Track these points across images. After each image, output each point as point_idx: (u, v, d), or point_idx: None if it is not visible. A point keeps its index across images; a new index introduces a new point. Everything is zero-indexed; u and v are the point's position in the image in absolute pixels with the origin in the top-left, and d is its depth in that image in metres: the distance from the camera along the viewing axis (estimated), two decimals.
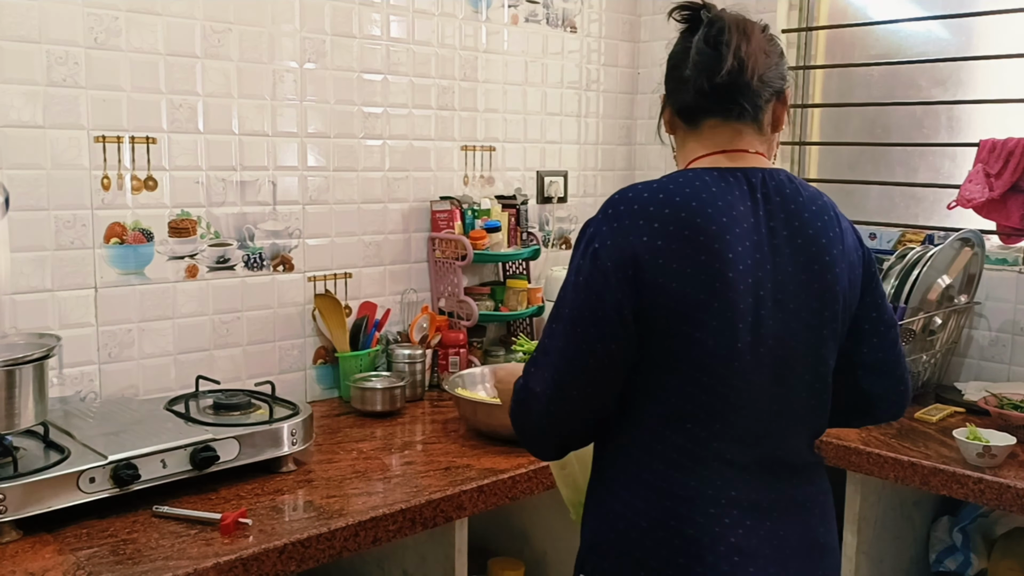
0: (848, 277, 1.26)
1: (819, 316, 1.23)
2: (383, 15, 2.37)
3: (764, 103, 1.26)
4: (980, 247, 2.38)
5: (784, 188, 1.24)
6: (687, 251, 1.16)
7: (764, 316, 1.19)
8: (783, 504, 1.23)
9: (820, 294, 1.22)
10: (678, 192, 1.19)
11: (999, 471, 1.84)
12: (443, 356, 2.46)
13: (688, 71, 1.25)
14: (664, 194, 1.19)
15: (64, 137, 1.88)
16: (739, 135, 1.26)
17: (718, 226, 1.17)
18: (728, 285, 1.16)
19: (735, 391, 1.19)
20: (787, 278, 1.21)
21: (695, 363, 1.18)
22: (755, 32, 1.24)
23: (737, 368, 1.18)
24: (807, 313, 1.22)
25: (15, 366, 1.52)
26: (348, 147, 2.34)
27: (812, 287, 1.22)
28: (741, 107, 1.25)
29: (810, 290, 1.22)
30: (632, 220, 1.17)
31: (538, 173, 2.84)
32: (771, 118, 1.29)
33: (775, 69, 1.26)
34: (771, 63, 1.25)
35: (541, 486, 1.86)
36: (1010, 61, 2.50)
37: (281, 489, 1.70)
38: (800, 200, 1.24)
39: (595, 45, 2.96)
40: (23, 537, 1.46)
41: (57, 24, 1.85)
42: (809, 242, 1.22)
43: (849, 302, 1.27)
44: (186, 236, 2.07)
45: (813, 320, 1.22)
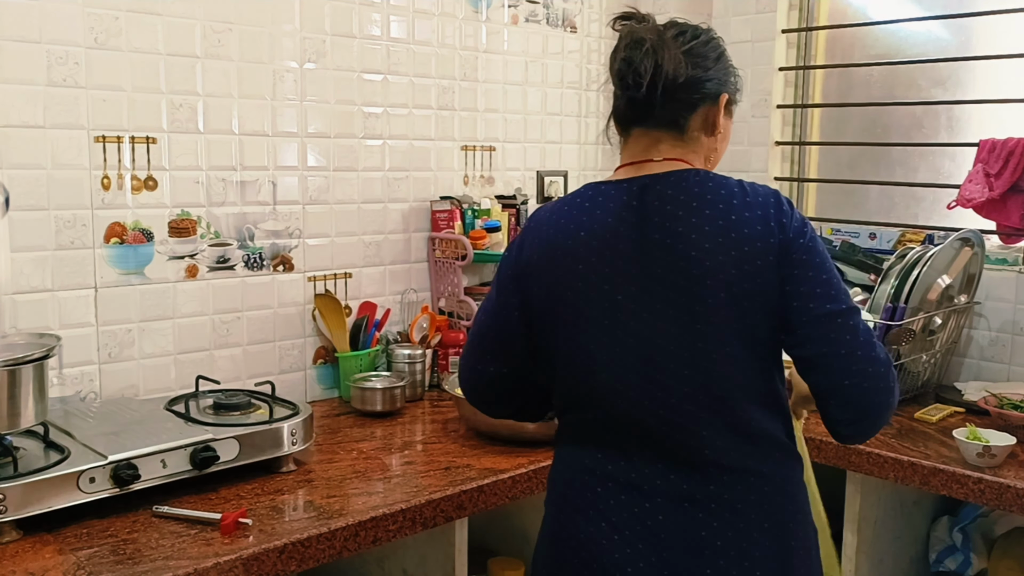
0: (738, 268, 1.26)
1: (690, 312, 1.27)
2: (383, 15, 2.37)
3: (687, 109, 1.34)
4: (980, 247, 2.38)
5: (667, 191, 1.31)
6: (547, 265, 1.34)
7: (622, 317, 1.30)
8: (670, 494, 1.29)
9: (688, 290, 1.27)
10: (553, 212, 1.38)
11: (999, 471, 1.84)
12: (443, 356, 2.46)
13: (616, 81, 1.35)
14: (547, 213, 1.39)
15: (64, 137, 1.88)
16: (656, 142, 1.36)
17: (573, 241, 1.32)
18: (578, 293, 1.31)
19: (603, 384, 1.32)
20: (653, 280, 1.28)
21: (563, 360, 1.35)
22: (669, 44, 1.30)
23: (600, 364, 1.31)
24: (675, 310, 1.28)
25: (15, 366, 1.52)
26: (348, 147, 2.34)
27: (679, 284, 1.27)
28: (656, 116, 1.34)
29: (677, 288, 1.27)
30: (527, 237, 1.39)
31: (538, 173, 2.84)
32: (701, 123, 1.36)
33: (705, 75, 1.33)
34: (695, 72, 1.32)
35: (541, 486, 1.86)
36: (1010, 61, 2.50)
37: (281, 489, 1.70)
38: (680, 200, 1.30)
39: (595, 45, 2.95)
40: (23, 537, 1.46)
41: (57, 24, 1.85)
42: (678, 239, 1.28)
43: (748, 293, 1.26)
44: (186, 236, 2.07)
45: (683, 317, 1.28)
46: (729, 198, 1.29)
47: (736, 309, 1.27)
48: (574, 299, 1.32)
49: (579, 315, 1.32)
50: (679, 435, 1.29)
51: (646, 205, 1.31)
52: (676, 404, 1.29)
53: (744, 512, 1.28)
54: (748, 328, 1.28)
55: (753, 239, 1.27)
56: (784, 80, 2.99)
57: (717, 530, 1.28)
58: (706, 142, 1.38)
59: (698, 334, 1.28)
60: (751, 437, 1.30)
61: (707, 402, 1.29)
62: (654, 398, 1.29)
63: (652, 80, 1.29)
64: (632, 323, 1.29)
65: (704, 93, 1.34)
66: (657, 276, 1.28)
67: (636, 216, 1.31)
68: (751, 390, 1.30)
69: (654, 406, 1.29)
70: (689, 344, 1.28)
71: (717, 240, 1.27)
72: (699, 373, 1.28)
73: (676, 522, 1.28)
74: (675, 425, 1.29)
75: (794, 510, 1.33)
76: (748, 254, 1.27)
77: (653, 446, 1.31)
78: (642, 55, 1.29)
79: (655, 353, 1.29)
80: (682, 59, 1.31)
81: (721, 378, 1.28)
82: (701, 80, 1.33)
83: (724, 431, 1.29)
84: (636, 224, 1.30)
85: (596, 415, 1.34)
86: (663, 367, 1.29)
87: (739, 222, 1.28)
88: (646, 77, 1.29)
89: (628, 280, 1.29)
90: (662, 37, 1.31)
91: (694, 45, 1.33)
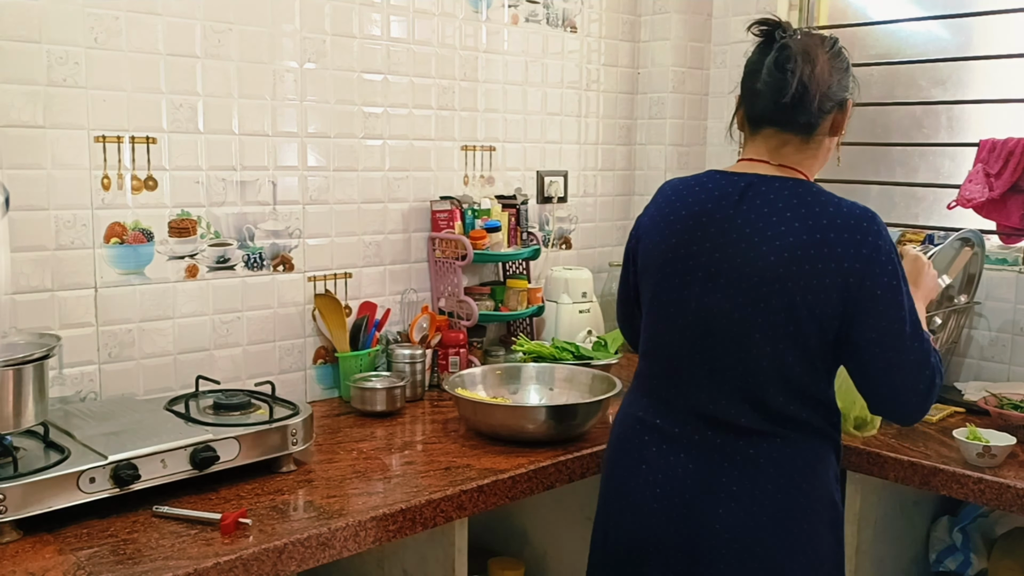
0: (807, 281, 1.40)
1: (751, 304, 1.43)
2: (383, 15, 2.37)
3: (822, 116, 1.50)
4: (980, 247, 2.38)
5: (770, 194, 1.47)
6: (653, 230, 1.57)
7: (694, 287, 1.49)
8: (701, 446, 1.50)
9: (756, 286, 1.43)
10: (674, 187, 1.59)
11: (999, 471, 1.84)
12: (443, 356, 2.46)
13: (760, 86, 1.49)
14: (669, 187, 1.61)
15: (64, 137, 1.88)
16: (784, 144, 1.52)
17: (675, 215, 1.54)
18: (666, 258, 1.53)
19: (664, 344, 1.55)
20: (729, 265, 1.46)
21: (645, 313, 1.59)
22: (820, 56, 1.45)
23: (665, 325, 1.54)
24: (740, 298, 1.44)
25: (15, 366, 1.52)
26: (348, 147, 2.34)
27: (751, 277, 1.43)
28: (797, 123, 1.49)
29: (747, 279, 1.44)
30: (650, 205, 1.63)
31: (538, 173, 2.84)
32: (829, 126, 1.53)
33: (838, 84, 1.49)
34: (834, 80, 1.47)
35: (541, 486, 1.86)
36: (1010, 61, 2.50)
37: (281, 489, 1.70)
38: (778, 206, 1.45)
39: (595, 45, 2.96)
40: (23, 537, 1.46)
41: (57, 24, 1.85)
42: (762, 238, 1.44)
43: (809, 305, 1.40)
44: (186, 236, 2.08)
45: (744, 307, 1.44)
46: (822, 216, 1.42)
47: (793, 316, 1.42)
48: (662, 262, 1.53)
49: (662, 278, 1.53)
50: (717, 405, 1.48)
51: (746, 200, 1.48)
52: (719, 379, 1.48)
53: (762, 466, 1.46)
54: (801, 336, 1.42)
55: (828, 259, 1.40)
56: None
57: (735, 478, 1.47)
58: (827, 144, 1.55)
59: (753, 326, 1.44)
60: (783, 419, 1.47)
61: (747, 386, 1.46)
62: (702, 368, 1.49)
63: (802, 92, 1.44)
64: (701, 297, 1.48)
65: (838, 100, 1.50)
66: (734, 263, 1.45)
67: (734, 208, 1.48)
68: (792, 386, 1.45)
69: (700, 375, 1.49)
70: (741, 333, 1.45)
71: (796, 251, 1.41)
72: (744, 353, 1.45)
73: (699, 469, 1.49)
74: (715, 396, 1.48)
75: (807, 472, 1.47)
76: (820, 271, 1.40)
77: (694, 407, 1.51)
78: (802, 66, 1.43)
79: (711, 330, 1.48)
80: (830, 69, 1.46)
81: (755, 360, 1.45)
82: (837, 89, 1.49)
83: (758, 412, 1.46)
84: (731, 215, 1.48)
85: (654, 370, 1.58)
86: (714, 345, 1.48)
87: (822, 241, 1.40)
88: (808, 87, 1.43)
89: (708, 258, 1.48)
90: (816, 50, 1.45)
91: (833, 55, 1.49)
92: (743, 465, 1.46)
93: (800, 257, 1.40)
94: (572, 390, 2.22)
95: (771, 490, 1.45)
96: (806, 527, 1.47)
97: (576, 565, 2.27)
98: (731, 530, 1.46)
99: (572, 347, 2.50)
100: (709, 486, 1.48)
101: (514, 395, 2.24)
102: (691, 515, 1.48)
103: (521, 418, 1.98)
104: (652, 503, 1.52)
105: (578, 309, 2.73)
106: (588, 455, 1.95)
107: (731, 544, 1.46)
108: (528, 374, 2.29)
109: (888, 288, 1.40)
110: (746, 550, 1.45)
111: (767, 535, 1.45)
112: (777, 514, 1.45)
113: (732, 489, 1.46)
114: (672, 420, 1.53)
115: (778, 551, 1.46)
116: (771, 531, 1.45)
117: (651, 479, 1.53)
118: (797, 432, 1.47)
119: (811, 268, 1.40)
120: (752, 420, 1.47)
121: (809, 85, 1.43)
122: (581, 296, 2.75)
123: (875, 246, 1.40)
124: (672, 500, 1.50)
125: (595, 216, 3.05)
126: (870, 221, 1.42)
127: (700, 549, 1.47)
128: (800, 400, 1.46)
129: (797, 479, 1.46)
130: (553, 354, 2.45)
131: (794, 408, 1.46)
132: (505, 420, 1.98)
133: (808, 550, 1.48)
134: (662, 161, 3.05)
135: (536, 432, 1.96)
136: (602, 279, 3.01)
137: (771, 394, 1.45)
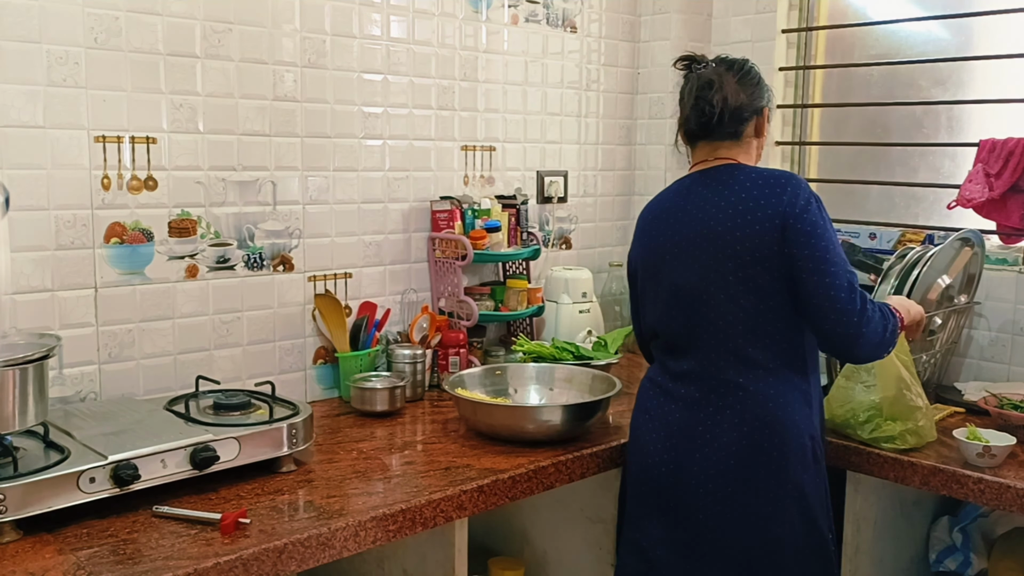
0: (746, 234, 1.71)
1: (710, 267, 1.75)
2: (383, 15, 2.37)
3: (742, 125, 1.84)
4: (980, 247, 2.38)
5: (710, 181, 1.81)
6: (640, 232, 1.93)
7: (665, 268, 1.83)
8: (687, 399, 1.80)
9: (709, 251, 1.75)
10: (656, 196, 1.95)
11: (999, 471, 1.84)
12: (443, 356, 2.46)
13: (688, 111, 1.85)
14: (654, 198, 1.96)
15: (64, 137, 1.88)
16: (717, 148, 1.86)
17: (652, 214, 1.91)
18: (649, 250, 1.88)
19: (656, 319, 1.87)
20: (689, 242, 1.78)
21: (643, 299, 1.93)
22: (728, 81, 1.81)
23: (655, 304, 1.87)
24: (699, 266, 1.76)
25: (15, 366, 1.52)
26: (348, 147, 2.34)
27: (704, 247, 1.76)
28: (720, 134, 1.84)
29: (702, 248, 1.76)
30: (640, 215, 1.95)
31: (538, 173, 2.84)
32: (752, 129, 1.87)
33: (752, 98, 1.84)
34: (745, 98, 1.82)
35: (541, 486, 1.87)
36: (1010, 61, 2.50)
37: (281, 489, 1.70)
38: (716, 187, 1.79)
39: (595, 45, 2.96)
40: (23, 537, 1.46)
41: (57, 24, 1.85)
42: (708, 213, 1.77)
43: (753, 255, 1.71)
44: (186, 236, 2.08)
45: (705, 271, 1.76)
46: (748, 183, 1.76)
47: (742, 267, 1.72)
48: (648, 254, 1.89)
49: (649, 266, 1.88)
50: (696, 357, 1.79)
51: (694, 190, 1.83)
52: (695, 335, 1.79)
53: (728, 414, 1.76)
54: (754, 284, 1.72)
55: (759, 211, 1.72)
56: (784, 80, 2.99)
57: (708, 426, 1.77)
58: (756, 142, 1.90)
59: (713, 283, 1.75)
60: (745, 361, 1.75)
61: (714, 333, 1.76)
62: (683, 332, 1.81)
63: (714, 113, 1.80)
64: (673, 273, 1.81)
65: (753, 110, 1.85)
66: (692, 239, 1.78)
67: (683, 199, 1.84)
68: (759, 333, 1.74)
69: (684, 338, 1.81)
70: (705, 291, 1.76)
71: (734, 215, 1.74)
72: (710, 313, 1.76)
73: (684, 418, 1.80)
74: (697, 355, 1.79)
75: (768, 418, 1.73)
76: (755, 221, 1.72)
77: (683, 367, 1.82)
78: (712, 93, 1.79)
79: (683, 299, 1.79)
80: (738, 89, 1.82)
81: (731, 324, 1.75)
82: (750, 102, 1.83)
83: (725, 356, 1.76)
84: (687, 203, 1.82)
85: (658, 343, 1.90)
86: (687, 308, 1.79)
87: (751, 201, 1.74)
88: (717, 108, 1.79)
89: (675, 241, 1.81)
90: (723, 77, 1.81)
91: (741, 76, 1.83)
92: (714, 414, 1.77)
93: (735, 216, 1.73)
94: (572, 390, 2.23)
95: (736, 437, 1.74)
96: (772, 468, 1.73)
97: (576, 565, 2.28)
98: (704, 471, 1.76)
99: (572, 347, 2.50)
100: (690, 433, 1.78)
101: (514, 395, 2.24)
102: (677, 457, 1.79)
103: (521, 418, 1.98)
104: (649, 445, 1.85)
105: (578, 309, 2.73)
106: (588, 455, 1.95)
107: (705, 483, 1.76)
108: (528, 374, 2.29)
109: (811, 224, 1.70)
110: (717, 489, 1.75)
111: (732, 475, 1.74)
112: (741, 456, 1.74)
113: (706, 436, 1.77)
114: (669, 378, 1.85)
115: (742, 490, 1.74)
116: (735, 472, 1.74)
117: (652, 426, 1.85)
118: (765, 380, 1.75)
119: (748, 222, 1.72)
120: (729, 373, 1.76)
121: (723, 106, 1.79)
122: (581, 296, 2.75)
123: (794, 194, 1.72)
124: (665, 443, 1.82)
125: (595, 216, 3.05)
126: (788, 178, 1.75)
127: (683, 485, 1.78)
128: (769, 346, 1.75)
129: (760, 424, 1.73)
130: (553, 354, 2.45)
131: (765, 355, 1.75)
132: (505, 420, 1.98)
133: (773, 487, 1.73)
134: (662, 161, 3.05)
135: (536, 432, 1.96)
136: (602, 279, 3.00)
137: (741, 344, 1.75)
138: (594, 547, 2.22)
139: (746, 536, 1.74)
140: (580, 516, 2.25)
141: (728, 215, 1.74)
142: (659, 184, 3.06)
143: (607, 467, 2.01)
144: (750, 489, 1.73)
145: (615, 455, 2.01)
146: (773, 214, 1.71)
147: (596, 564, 2.22)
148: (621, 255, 3.12)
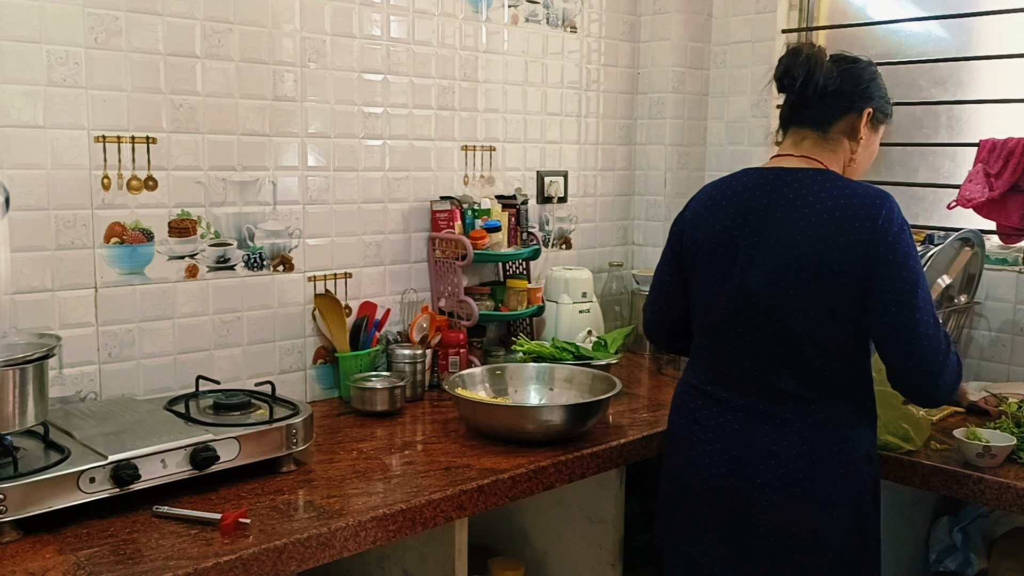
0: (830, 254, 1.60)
1: (784, 279, 1.64)
2: (383, 15, 2.37)
3: (834, 114, 1.71)
4: (980, 247, 2.38)
5: (794, 183, 1.68)
6: (697, 221, 1.78)
7: (736, 268, 1.70)
8: (747, 410, 1.72)
9: (787, 262, 1.63)
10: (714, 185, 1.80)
11: (999, 471, 1.84)
12: (443, 356, 2.46)
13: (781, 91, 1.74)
14: (710, 185, 1.82)
15: (64, 137, 1.88)
16: (802, 139, 1.74)
17: (718, 206, 1.75)
18: (710, 244, 1.74)
19: (712, 321, 1.76)
20: (764, 247, 1.67)
21: (694, 297, 1.80)
22: (823, 60, 1.68)
23: (712, 305, 1.75)
24: (774, 275, 1.65)
25: (15, 366, 1.52)
26: (348, 147, 2.34)
27: (781, 255, 1.64)
28: (809, 118, 1.72)
29: (778, 258, 1.64)
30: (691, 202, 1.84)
31: (538, 173, 2.84)
32: (847, 128, 1.72)
33: (852, 90, 1.70)
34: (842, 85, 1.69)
35: (541, 486, 1.87)
36: (1010, 61, 2.50)
37: (281, 489, 1.70)
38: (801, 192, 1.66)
39: (595, 45, 2.96)
40: (23, 537, 1.46)
41: (57, 24, 1.85)
42: (790, 221, 1.65)
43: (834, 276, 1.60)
44: (186, 236, 2.08)
45: (776, 276, 1.65)
46: (843, 201, 1.62)
47: (820, 287, 1.62)
48: (707, 248, 1.75)
49: (708, 262, 1.75)
50: (760, 372, 1.70)
51: (776, 190, 1.69)
52: (761, 348, 1.69)
53: (797, 428, 1.67)
54: (830, 305, 1.62)
55: (848, 234, 1.60)
56: None
57: (773, 438, 1.68)
58: (847, 145, 1.74)
59: (787, 296, 1.64)
60: (815, 381, 1.67)
61: (785, 354, 1.67)
62: (744, 339, 1.71)
63: (803, 84, 1.67)
64: (742, 276, 1.69)
65: (851, 103, 1.71)
66: (769, 245, 1.66)
67: (766, 197, 1.69)
68: (826, 352, 1.65)
69: (744, 346, 1.71)
70: (777, 305, 1.65)
71: (825, 235, 1.61)
72: (780, 324, 1.66)
73: (745, 429, 1.71)
74: (758, 364, 1.70)
75: (838, 434, 1.66)
76: (841, 245, 1.60)
77: (739, 375, 1.73)
78: (798, 63, 1.68)
79: (751, 304, 1.68)
80: (834, 72, 1.68)
81: (799, 338, 1.65)
82: (849, 92, 1.70)
83: (797, 377, 1.67)
84: (764, 203, 1.69)
85: (705, 343, 1.79)
86: (755, 317, 1.68)
87: (844, 222, 1.60)
88: (798, 81, 1.67)
89: (748, 242, 1.69)
90: (818, 54, 1.68)
91: (852, 67, 1.71)
92: (780, 427, 1.68)
93: (824, 235, 1.61)
94: (572, 390, 2.23)
95: (805, 451, 1.66)
96: (838, 485, 1.66)
97: (576, 565, 2.28)
98: (769, 484, 1.68)
99: (572, 347, 2.50)
100: (751, 445, 1.70)
101: (514, 395, 2.24)
102: (737, 469, 1.71)
103: (521, 418, 1.98)
104: (705, 457, 1.75)
105: (578, 309, 2.73)
106: (588, 455, 1.95)
107: (769, 496, 1.67)
108: (528, 374, 2.29)
109: (903, 254, 1.59)
110: (781, 502, 1.67)
111: (799, 490, 1.66)
112: (809, 472, 1.66)
113: (771, 448, 1.68)
114: (720, 386, 1.76)
115: (808, 505, 1.66)
116: (802, 487, 1.66)
117: (703, 437, 1.76)
118: (831, 397, 1.67)
119: (833, 243, 1.60)
120: (790, 385, 1.67)
121: (806, 78, 1.67)
122: (581, 296, 2.75)
123: (888, 219, 1.59)
124: (721, 455, 1.73)
125: (595, 216, 3.05)
126: (883, 199, 1.62)
127: (744, 497, 1.70)
128: (835, 365, 1.66)
129: (828, 440, 1.66)
130: (553, 354, 2.45)
131: (830, 373, 1.66)
132: (505, 420, 1.98)
133: (837, 504, 1.66)
134: (662, 161, 3.05)
135: (536, 432, 1.96)
136: (602, 279, 3.00)
137: (807, 360, 1.66)
138: (594, 547, 2.22)
139: (803, 553, 1.67)
140: (580, 516, 2.25)
141: (817, 232, 1.61)
142: (659, 184, 3.07)
143: (607, 467, 2.01)
144: (814, 505, 1.66)
145: (615, 455, 2.01)
146: (867, 240, 1.58)
147: (596, 564, 2.22)
148: (621, 255, 3.13)
